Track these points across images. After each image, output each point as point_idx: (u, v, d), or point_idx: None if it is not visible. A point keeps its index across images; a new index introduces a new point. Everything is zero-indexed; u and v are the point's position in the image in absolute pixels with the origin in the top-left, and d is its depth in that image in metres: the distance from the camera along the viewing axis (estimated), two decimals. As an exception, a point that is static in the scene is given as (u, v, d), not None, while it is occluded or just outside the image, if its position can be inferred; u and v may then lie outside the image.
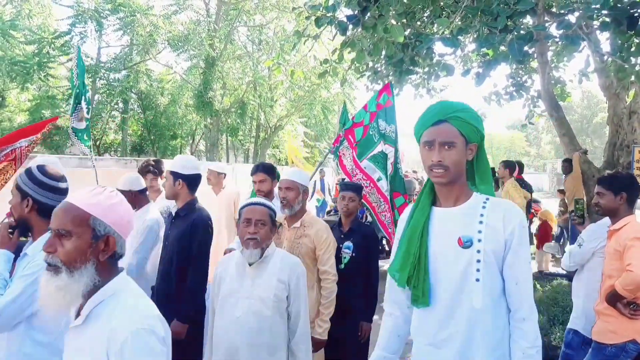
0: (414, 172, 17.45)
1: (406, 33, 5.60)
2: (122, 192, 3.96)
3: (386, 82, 8.41)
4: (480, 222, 1.76)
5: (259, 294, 2.43)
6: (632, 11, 3.88)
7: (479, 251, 1.73)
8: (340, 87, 18.93)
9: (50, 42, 15.73)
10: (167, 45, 18.56)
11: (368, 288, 3.45)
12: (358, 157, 4.33)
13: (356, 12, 4.78)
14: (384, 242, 8.06)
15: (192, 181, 3.23)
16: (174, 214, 3.27)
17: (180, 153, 24.51)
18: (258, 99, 19.99)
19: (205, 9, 19.79)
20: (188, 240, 3.09)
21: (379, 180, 4.25)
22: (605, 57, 5.95)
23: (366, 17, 4.73)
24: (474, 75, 6.24)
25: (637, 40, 4.78)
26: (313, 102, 21.08)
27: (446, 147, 1.75)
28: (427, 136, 1.79)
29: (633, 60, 5.24)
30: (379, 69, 7.73)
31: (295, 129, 22.80)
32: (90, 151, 5.01)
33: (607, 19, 4.19)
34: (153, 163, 4.55)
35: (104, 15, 16.96)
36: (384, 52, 6.16)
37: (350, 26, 4.89)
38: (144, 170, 4.43)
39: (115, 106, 20.19)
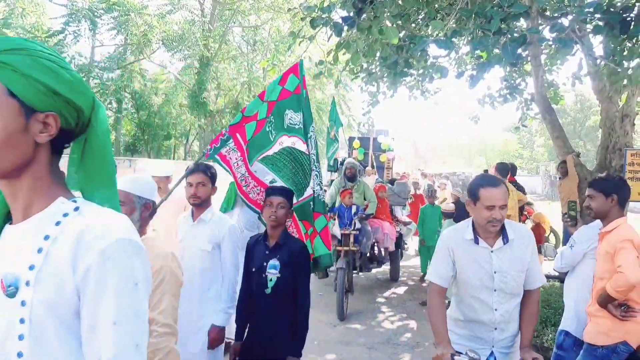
0: (423, 174, 17.23)
1: (401, 35, 5.62)
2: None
3: (381, 83, 8.46)
4: (39, 251, 0.99)
5: None
6: (624, 15, 3.92)
7: (23, 303, 0.97)
8: (335, 89, 18.96)
9: (44, 41, 15.62)
10: (161, 44, 18.52)
11: (297, 315, 2.90)
12: (249, 160, 3.38)
13: (351, 13, 4.79)
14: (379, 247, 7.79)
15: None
16: None
17: (174, 153, 24.46)
18: (253, 99, 19.98)
19: (200, 9, 19.76)
20: None
21: (272, 182, 3.44)
22: (598, 61, 5.99)
23: (361, 19, 4.74)
24: (468, 77, 6.27)
25: (630, 44, 4.82)
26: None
27: None
28: None
29: (626, 63, 5.28)
30: (374, 71, 7.75)
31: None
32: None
33: (600, 23, 4.22)
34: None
35: (98, 14, 16.88)
36: (378, 54, 6.18)
37: (346, 27, 4.90)
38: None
39: (109, 106, 20.11)
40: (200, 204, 3.19)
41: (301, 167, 3.45)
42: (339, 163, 8.67)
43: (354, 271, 6.77)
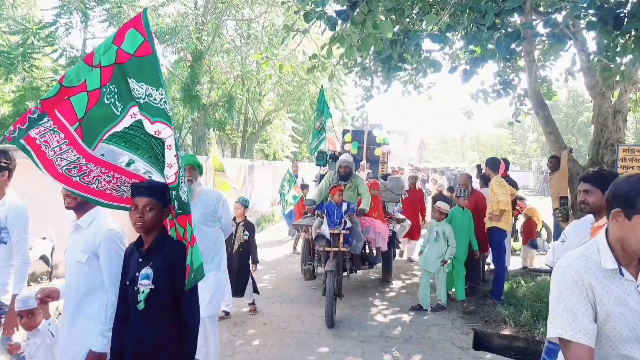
0: (416, 168, 17.16)
1: (395, 29, 5.61)
2: None
3: (375, 78, 8.46)
4: None
5: None
6: (618, 11, 3.93)
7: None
8: (329, 83, 18.93)
9: (35, 33, 15.45)
10: (154, 37, 18.38)
11: (181, 334, 2.43)
12: (89, 141, 2.53)
13: (345, 7, 4.78)
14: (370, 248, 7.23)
15: None
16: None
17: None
18: (246, 94, 19.91)
19: (193, 2, 19.60)
20: None
21: (129, 164, 2.67)
22: (591, 57, 6.02)
23: (355, 13, 4.73)
24: (462, 72, 6.27)
25: (623, 40, 4.84)
26: (301, 98, 21.06)
27: None
28: None
29: (618, 59, 5.31)
30: (368, 65, 7.74)
31: (283, 124, 22.78)
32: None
33: (594, 19, 4.24)
34: None
35: (90, 6, 16.68)
36: (372, 48, 6.17)
37: (340, 21, 4.89)
38: None
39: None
40: (76, 207, 2.73)
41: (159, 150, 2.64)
42: (328, 157, 8.27)
43: (344, 273, 6.26)
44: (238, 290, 5.65)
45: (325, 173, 7.51)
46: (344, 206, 6.24)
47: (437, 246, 6.25)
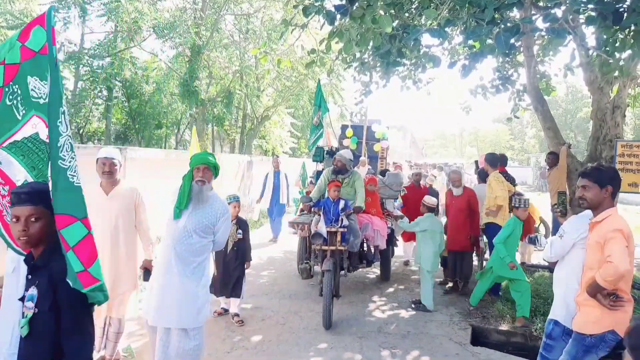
0: (416, 164, 17.02)
1: (394, 24, 5.59)
2: None
3: (374, 73, 8.42)
4: None
5: None
6: (617, 6, 3.92)
7: None
8: (327, 78, 18.88)
9: (32, 27, 15.39)
10: (152, 32, 18.30)
11: None
12: None
13: (344, 1, 4.75)
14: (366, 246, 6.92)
15: None
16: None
17: (166, 142, 24.32)
18: (245, 89, 19.86)
19: (191, -3, 19.52)
20: None
21: (24, 185, 2.34)
22: (591, 52, 6.01)
23: (354, 7, 4.71)
24: (461, 67, 6.26)
25: (622, 35, 4.83)
26: (300, 93, 20.99)
27: None
28: None
29: (617, 55, 5.30)
30: (366, 60, 7.72)
31: (282, 120, 22.72)
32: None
33: (593, 14, 4.22)
34: None
35: (88, 0, 16.62)
36: (371, 43, 6.15)
37: (338, 16, 4.87)
38: None
39: (99, 94, 19.87)
40: None
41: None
42: (325, 152, 8.05)
43: (341, 272, 6.08)
44: (234, 291, 5.48)
45: (323, 169, 7.36)
46: (341, 203, 6.04)
47: (431, 242, 6.23)
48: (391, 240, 7.56)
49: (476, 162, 11.22)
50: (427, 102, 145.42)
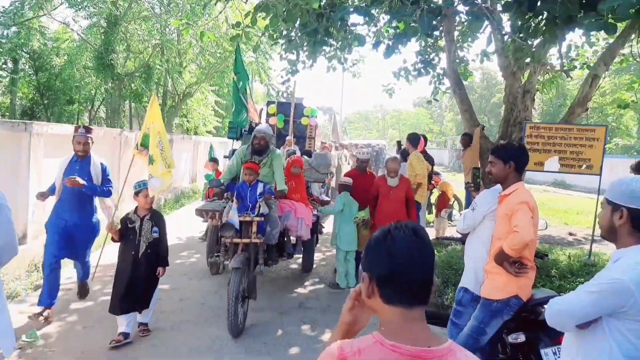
0: (341, 145, 16.90)
1: (322, 2, 5.58)
2: None
3: (300, 52, 8.36)
4: None
5: None
6: (530, -7, 4.15)
7: None
8: (254, 55, 18.53)
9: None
10: (64, 0, 16.99)
11: None
12: None
13: (270, -26, 4.67)
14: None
15: None
16: None
17: (78, 119, 22.83)
18: (165, 64, 19.04)
19: (108, -37, 18.29)
20: None
21: None
22: (506, 37, 6.34)
23: (280, -19, 4.64)
24: (385, 48, 6.38)
25: (535, 23, 5.13)
26: (225, 70, 20.40)
27: None
28: None
29: (530, 41, 5.63)
30: (293, 38, 7.65)
31: (206, 98, 22.04)
32: None
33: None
34: None
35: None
36: (298, 21, 6.10)
37: (264, -12, 4.77)
38: None
39: (4, 66, 18.27)
40: None
41: None
42: (242, 129, 7.26)
43: (257, 266, 5.06)
44: (144, 303, 4.42)
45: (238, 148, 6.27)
46: (259, 187, 5.14)
47: (347, 221, 6.16)
48: (316, 229, 6.84)
49: (399, 142, 11.57)
50: (351, 84, 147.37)
